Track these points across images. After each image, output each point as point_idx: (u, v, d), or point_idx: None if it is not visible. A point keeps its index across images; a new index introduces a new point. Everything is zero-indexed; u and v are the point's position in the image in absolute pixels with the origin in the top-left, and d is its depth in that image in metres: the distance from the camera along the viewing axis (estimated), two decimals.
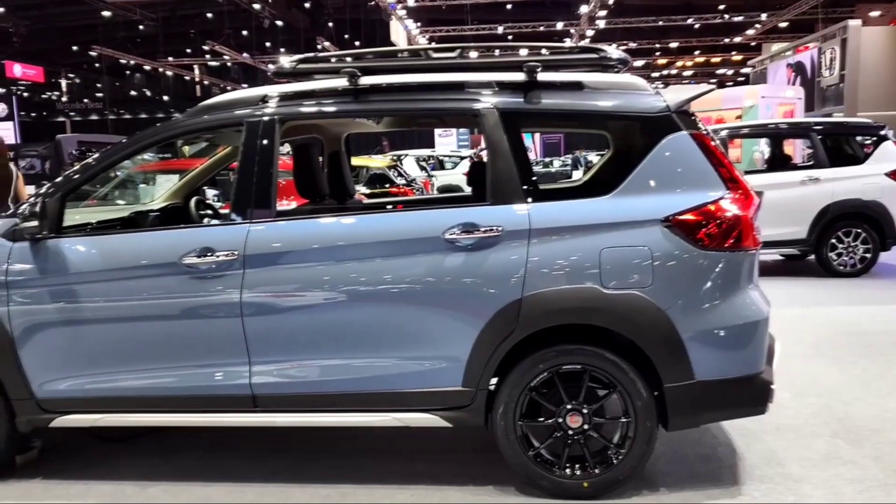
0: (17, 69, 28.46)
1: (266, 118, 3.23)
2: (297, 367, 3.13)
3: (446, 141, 29.73)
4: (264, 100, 3.29)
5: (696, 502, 3.03)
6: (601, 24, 30.21)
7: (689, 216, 2.95)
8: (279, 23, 30.52)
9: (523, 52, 3.55)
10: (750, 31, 32.53)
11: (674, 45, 36.18)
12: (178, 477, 3.39)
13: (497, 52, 3.72)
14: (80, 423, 3.27)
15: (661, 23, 31.57)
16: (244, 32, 32.59)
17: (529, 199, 3.04)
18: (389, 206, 4.56)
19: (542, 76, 3.16)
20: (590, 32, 31.41)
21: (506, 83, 3.19)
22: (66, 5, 28.08)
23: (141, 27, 30.02)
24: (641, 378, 2.98)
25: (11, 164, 7.29)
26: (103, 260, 3.21)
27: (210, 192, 6.54)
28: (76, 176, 3.34)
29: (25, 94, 34.84)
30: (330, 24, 32.62)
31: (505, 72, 3.24)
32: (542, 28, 32.49)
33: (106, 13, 27.14)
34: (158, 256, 3.17)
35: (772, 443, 3.60)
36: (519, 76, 3.17)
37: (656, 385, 2.99)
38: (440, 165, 17.44)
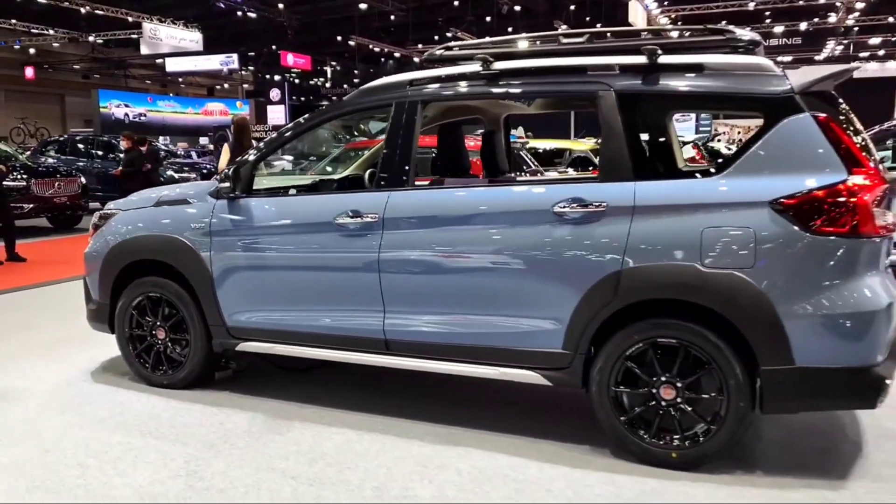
0: (290, 58, 32.37)
1: (410, 100, 3.68)
2: (421, 318, 3.57)
3: (683, 126, 28.32)
4: (411, 84, 3.75)
5: (788, 489, 2.98)
6: None
7: (798, 199, 2.90)
8: (517, 8, 31.23)
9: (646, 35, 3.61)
10: None
11: None
12: (330, 403, 4.01)
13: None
14: (256, 349, 4.02)
15: None
16: (487, 18, 33.76)
17: (637, 178, 3.17)
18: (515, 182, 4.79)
19: (666, 59, 3.25)
20: (860, 5, 27.97)
21: (626, 66, 3.32)
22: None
23: (392, 17, 32.50)
24: (738, 358, 3.00)
25: (254, 142, 8.70)
26: (278, 216, 3.91)
27: None
28: (264, 148, 4.07)
29: (296, 81, 39.46)
30: (571, 7, 32.61)
31: (632, 55, 3.36)
32: (800, 2, 29.53)
33: (363, 5, 29.80)
34: (318, 216, 3.78)
35: None
36: (641, 59, 3.28)
37: (754, 367, 2.99)
38: None
